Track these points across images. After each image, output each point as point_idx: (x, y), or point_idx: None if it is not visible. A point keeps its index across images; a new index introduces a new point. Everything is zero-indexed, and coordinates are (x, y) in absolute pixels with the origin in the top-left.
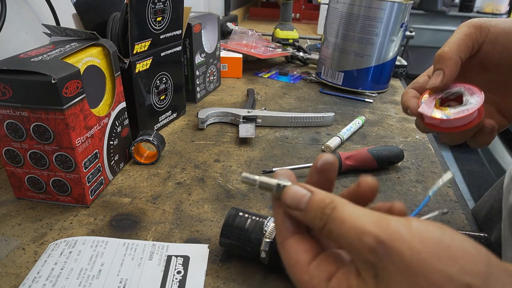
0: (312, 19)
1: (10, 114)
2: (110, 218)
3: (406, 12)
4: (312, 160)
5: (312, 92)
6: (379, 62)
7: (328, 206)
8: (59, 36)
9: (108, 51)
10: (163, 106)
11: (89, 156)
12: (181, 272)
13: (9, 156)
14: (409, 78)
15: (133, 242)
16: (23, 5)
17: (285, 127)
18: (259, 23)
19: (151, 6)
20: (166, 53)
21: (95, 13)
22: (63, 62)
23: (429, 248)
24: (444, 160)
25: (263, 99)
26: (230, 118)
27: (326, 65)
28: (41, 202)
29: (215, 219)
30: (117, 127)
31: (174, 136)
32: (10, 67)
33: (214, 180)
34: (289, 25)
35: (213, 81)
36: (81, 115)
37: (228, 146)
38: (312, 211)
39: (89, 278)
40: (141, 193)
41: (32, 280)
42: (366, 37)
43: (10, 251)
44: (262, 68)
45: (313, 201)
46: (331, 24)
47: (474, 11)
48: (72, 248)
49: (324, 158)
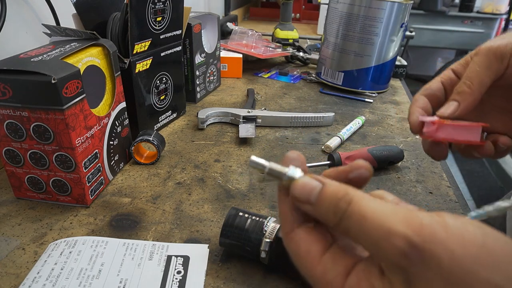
0: (312, 19)
1: (10, 114)
2: (110, 218)
3: (406, 12)
4: (312, 160)
5: (312, 92)
6: (379, 62)
7: (343, 199)
8: (59, 36)
9: (108, 51)
10: (163, 106)
11: (89, 156)
12: (181, 272)
13: (9, 156)
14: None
15: (133, 242)
16: (23, 5)
17: (285, 127)
18: (259, 23)
19: (151, 6)
20: (166, 53)
21: (95, 13)
22: (63, 62)
23: (471, 252)
24: (444, 160)
25: (263, 99)
26: (230, 118)
27: (326, 65)
28: (41, 202)
29: (215, 219)
30: (117, 127)
31: (174, 136)
32: (10, 67)
33: (214, 180)
34: (289, 25)
35: (213, 81)
36: (81, 115)
37: (228, 146)
38: (324, 205)
39: (89, 278)
40: (141, 193)
41: (32, 280)
42: (366, 37)
43: (10, 251)
44: (262, 68)
45: (324, 194)
46: (331, 24)
47: (474, 11)
48: (72, 248)
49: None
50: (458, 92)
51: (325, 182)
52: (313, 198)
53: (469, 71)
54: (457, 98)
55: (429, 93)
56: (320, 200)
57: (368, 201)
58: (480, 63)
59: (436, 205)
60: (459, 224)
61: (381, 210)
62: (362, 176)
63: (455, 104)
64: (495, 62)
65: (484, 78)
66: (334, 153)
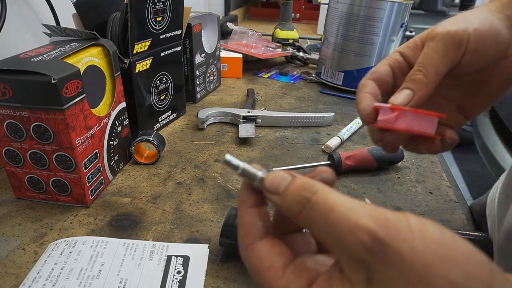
0: (312, 19)
1: (10, 114)
2: (110, 218)
3: (406, 12)
4: (312, 160)
5: (312, 92)
6: (379, 62)
7: (308, 189)
8: (59, 36)
9: (108, 51)
10: (163, 106)
11: (89, 156)
12: (181, 272)
13: (9, 156)
14: None
15: (133, 242)
16: (23, 5)
17: (285, 127)
18: (259, 23)
19: (151, 6)
20: (166, 53)
21: (95, 13)
22: (63, 62)
23: (431, 249)
24: (444, 160)
25: (263, 99)
26: (230, 118)
27: (326, 65)
28: (41, 202)
29: (215, 219)
30: (117, 127)
31: (174, 136)
32: (10, 67)
33: (214, 180)
34: (289, 25)
35: (213, 81)
36: (81, 115)
37: (228, 146)
38: (290, 195)
39: (89, 278)
40: (141, 193)
41: (32, 280)
42: (366, 37)
43: (10, 251)
44: (262, 68)
45: (292, 185)
46: (331, 24)
47: None
48: (72, 248)
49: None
50: (413, 80)
51: (296, 175)
52: (281, 188)
53: (424, 57)
54: (412, 86)
55: (376, 77)
56: (287, 190)
57: (334, 194)
58: (437, 50)
59: (436, 205)
60: (421, 223)
61: (347, 203)
62: (326, 180)
63: (409, 92)
64: (453, 49)
65: (440, 66)
66: (334, 153)
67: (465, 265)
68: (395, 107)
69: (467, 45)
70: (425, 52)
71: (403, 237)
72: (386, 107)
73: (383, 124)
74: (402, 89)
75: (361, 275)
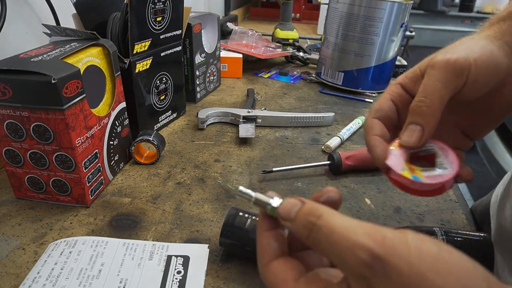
0: (312, 19)
1: (10, 114)
2: (110, 218)
3: (406, 12)
4: (312, 160)
5: (312, 92)
6: (379, 62)
7: (314, 214)
8: (59, 36)
9: (108, 51)
10: (163, 106)
11: (89, 156)
12: (181, 272)
13: (9, 156)
14: None
15: (133, 242)
16: (23, 5)
17: (285, 127)
18: (259, 23)
19: (151, 6)
20: (166, 53)
21: (95, 13)
22: (63, 62)
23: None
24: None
25: (263, 99)
26: (230, 118)
27: (326, 65)
28: (41, 202)
29: (215, 219)
30: (117, 127)
31: (174, 136)
32: (10, 67)
33: (214, 180)
34: (289, 25)
35: (213, 81)
36: (81, 115)
37: (228, 146)
38: (299, 220)
39: (89, 278)
40: (141, 193)
41: (32, 280)
42: (366, 37)
43: (10, 251)
44: (262, 68)
45: (301, 211)
46: (331, 24)
47: (474, 11)
48: (72, 248)
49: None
50: (419, 114)
51: (305, 201)
52: (292, 214)
53: (426, 87)
54: (419, 120)
55: (382, 115)
56: (296, 216)
57: (336, 217)
58: (438, 78)
59: (436, 205)
60: (418, 239)
61: (347, 224)
62: (332, 199)
63: (419, 129)
64: (454, 78)
65: (443, 94)
66: (334, 153)
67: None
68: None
69: (468, 75)
70: (427, 81)
71: (400, 252)
72: (398, 173)
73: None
74: (410, 125)
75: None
